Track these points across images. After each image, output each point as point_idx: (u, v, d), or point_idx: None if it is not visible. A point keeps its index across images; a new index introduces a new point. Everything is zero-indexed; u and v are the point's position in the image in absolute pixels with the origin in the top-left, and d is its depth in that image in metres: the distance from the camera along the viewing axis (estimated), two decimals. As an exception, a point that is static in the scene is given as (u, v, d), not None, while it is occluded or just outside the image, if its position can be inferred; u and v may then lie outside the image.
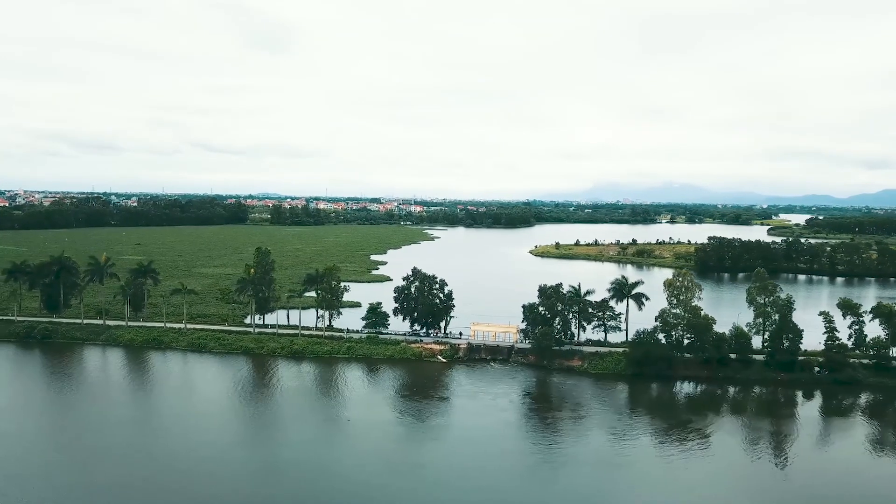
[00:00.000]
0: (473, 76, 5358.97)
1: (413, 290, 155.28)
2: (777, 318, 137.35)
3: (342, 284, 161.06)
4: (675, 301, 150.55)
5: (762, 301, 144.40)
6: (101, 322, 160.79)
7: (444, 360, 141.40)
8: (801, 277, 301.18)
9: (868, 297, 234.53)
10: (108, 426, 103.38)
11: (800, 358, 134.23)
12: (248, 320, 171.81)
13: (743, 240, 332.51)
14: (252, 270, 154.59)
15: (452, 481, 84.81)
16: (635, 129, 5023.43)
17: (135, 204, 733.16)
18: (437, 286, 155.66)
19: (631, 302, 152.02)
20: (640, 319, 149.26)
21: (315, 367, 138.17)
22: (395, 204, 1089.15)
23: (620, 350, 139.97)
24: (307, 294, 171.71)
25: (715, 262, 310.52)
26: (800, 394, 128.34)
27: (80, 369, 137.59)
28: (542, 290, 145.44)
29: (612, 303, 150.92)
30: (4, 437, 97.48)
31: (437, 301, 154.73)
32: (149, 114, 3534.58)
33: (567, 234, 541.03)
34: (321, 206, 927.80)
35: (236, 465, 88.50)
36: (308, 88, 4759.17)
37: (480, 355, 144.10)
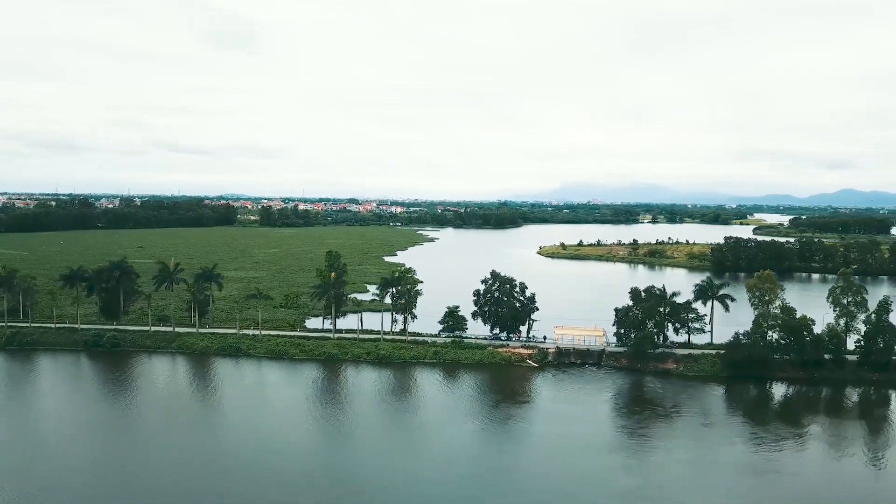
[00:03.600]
0: (454, 78, 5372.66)
1: (495, 292, 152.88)
2: (871, 317, 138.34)
3: (417, 287, 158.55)
4: (756, 302, 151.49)
5: (846, 301, 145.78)
6: (170, 329, 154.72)
7: (535, 365, 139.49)
8: (815, 276, 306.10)
9: (882, 294, 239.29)
10: (212, 434, 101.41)
11: (894, 358, 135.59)
12: (307, 324, 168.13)
13: (758, 240, 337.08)
14: (333, 274, 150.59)
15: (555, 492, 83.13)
16: (604, 131, 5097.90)
17: (111, 206, 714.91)
18: (518, 289, 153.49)
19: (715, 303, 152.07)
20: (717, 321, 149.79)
21: (402, 372, 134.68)
22: (374, 205, 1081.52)
23: (712, 352, 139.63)
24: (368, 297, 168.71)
25: (731, 262, 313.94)
26: (894, 394, 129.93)
27: (165, 378, 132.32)
28: (635, 293, 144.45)
29: (695, 304, 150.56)
30: (89, 447, 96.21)
31: (518, 304, 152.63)
32: (113, 114, 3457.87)
33: (557, 234, 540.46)
34: (300, 206, 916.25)
35: (324, 472, 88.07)
36: (279, 90, 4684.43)
37: (570, 359, 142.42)
